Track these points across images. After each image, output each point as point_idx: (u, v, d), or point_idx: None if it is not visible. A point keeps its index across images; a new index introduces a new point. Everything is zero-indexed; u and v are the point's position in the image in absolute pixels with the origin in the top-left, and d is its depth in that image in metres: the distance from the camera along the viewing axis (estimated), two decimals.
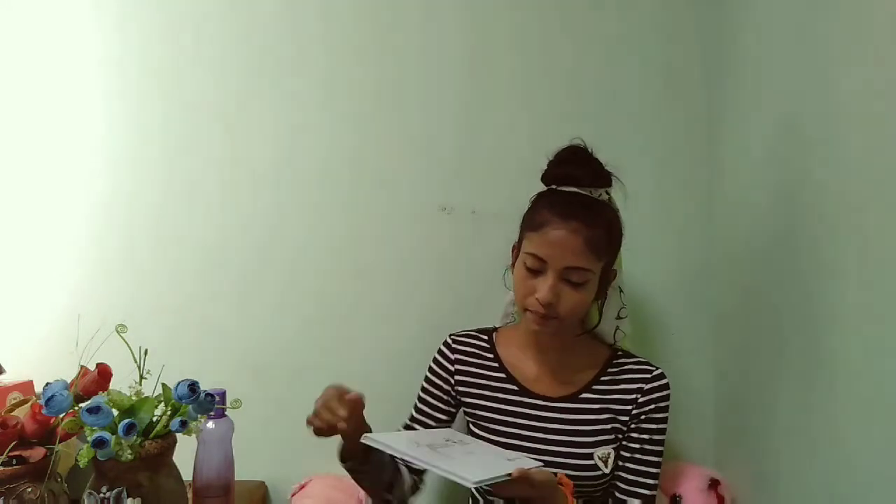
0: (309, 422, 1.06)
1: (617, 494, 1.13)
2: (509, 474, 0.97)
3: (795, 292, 1.12)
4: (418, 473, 1.24)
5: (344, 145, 1.50)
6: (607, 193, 1.15)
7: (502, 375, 1.21)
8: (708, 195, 1.48)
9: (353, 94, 1.50)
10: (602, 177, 1.14)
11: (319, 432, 1.05)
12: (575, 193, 1.12)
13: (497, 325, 1.31)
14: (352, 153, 1.50)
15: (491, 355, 1.24)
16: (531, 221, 1.13)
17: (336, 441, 1.11)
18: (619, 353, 1.22)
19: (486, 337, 1.26)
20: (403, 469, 1.21)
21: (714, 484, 1.34)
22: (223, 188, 1.50)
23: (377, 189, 1.50)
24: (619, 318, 1.26)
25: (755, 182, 1.28)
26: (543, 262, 1.09)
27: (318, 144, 1.50)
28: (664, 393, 1.16)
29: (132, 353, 1.06)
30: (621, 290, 1.26)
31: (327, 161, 1.50)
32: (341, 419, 1.02)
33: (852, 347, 0.96)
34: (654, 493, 1.13)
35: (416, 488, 1.25)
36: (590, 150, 1.16)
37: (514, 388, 1.20)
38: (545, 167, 1.17)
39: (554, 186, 1.15)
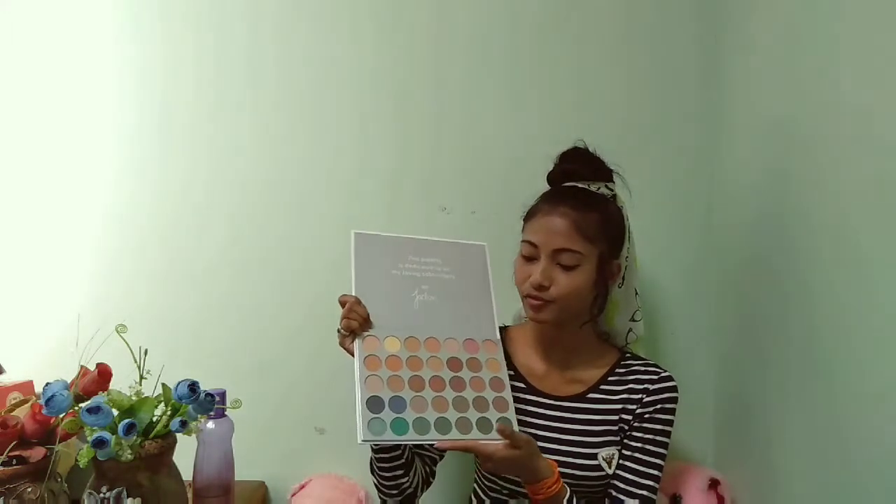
0: (341, 328, 1.12)
1: (615, 494, 1.13)
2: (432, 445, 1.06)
3: (795, 292, 1.12)
4: (430, 465, 1.25)
5: (344, 146, 1.50)
6: (609, 189, 1.16)
7: (511, 373, 1.21)
8: (707, 195, 1.48)
9: (353, 94, 1.50)
10: (601, 171, 1.17)
11: (349, 331, 1.12)
12: (571, 186, 1.16)
13: (506, 324, 1.31)
14: (352, 153, 1.50)
15: None
16: (527, 213, 1.17)
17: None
18: (628, 354, 1.22)
19: None
20: (417, 461, 1.21)
21: (714, 484, 1.34)
22: (224, 188, 1.50)
23: (378, 189, 1.50)
24: (633, 319, 1.26)
25: (754, 182, 1.28)
26: (536, 248, 1.12)
27: (318, 145, 1.50)
28: (670, 395, 1.15)
29: (132, 353, 1.06)
30: (637, 292, 1.27)
31: (328, 162, 1.50)
32: (362, 317, 1.11)
33: (852, 347, 0.96)
34: (653, 495, 1.12)
35: (427, 481, 1.25)
36: (591, 149, 1.18)
37: (522, 385, 1.20)
38: (550, 168, 1.20)
39: (555, 184, 1.19)
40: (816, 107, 1.06)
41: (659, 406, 1.14)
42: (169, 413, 1.06)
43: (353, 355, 1.11)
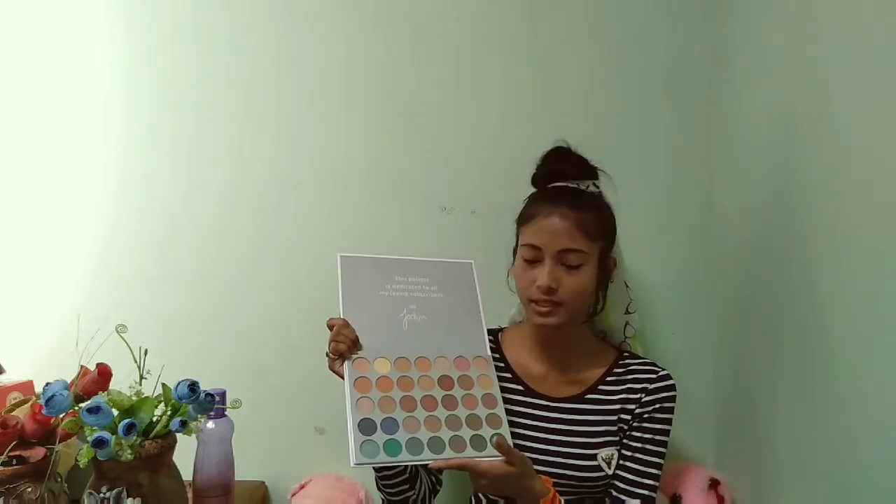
0: (329, 351, 1.12)
1: (615, 493, 1.13)
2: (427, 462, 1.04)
3: (795, 291, 1.12)
4: (436, 474, 1.25)
5: (344, 146, 1.50)
6: (595, 186, 1.18)
7: (508, 375, 1.21)
8: (707, 195, 1.48)
9: (351, 94, 1.50)
10: (586, 169, 1.18)
11: (337, 354, 1.11)
12: (563, 186, 1.16)
13: (502, 326, 1.31)
14: (352, 154, 1.50)
15: (497, 355, 1.24)
16: (523, 217, 1.17)
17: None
18: (626, 354, 1.22)
19: (491, 337, 1.26)
20: (421, 472, 1.21)
21: (714, 484, 1.34)
22: (225, 189, 1.50)
23: (378, 189, 1.50)
24: (627, 312, 1.27)
25: (754, 181, 1.28)
26: (539, 250, 1.11)
27: (318, 146, 1.50)
28: (669, 394, 1.15)
29: (132, 353, 1.06)
30: (627, 285, 1.27)
31: (328, 162, 1.50)
32: (350, 339, 1.10)
33: (852, 347, 0.96)
34: (653, 494, 1.13)
35: (434, 490, 1.25)
36: (573, 148, 1.19)
37: (520, 388, 1.20)
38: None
39: (543, 186, 1.19)
40: (817, 105, 1.06)
41: (658, 405, 1.14)
42: (169, 413, 1.06)
43: (343, 378, 1.10)
